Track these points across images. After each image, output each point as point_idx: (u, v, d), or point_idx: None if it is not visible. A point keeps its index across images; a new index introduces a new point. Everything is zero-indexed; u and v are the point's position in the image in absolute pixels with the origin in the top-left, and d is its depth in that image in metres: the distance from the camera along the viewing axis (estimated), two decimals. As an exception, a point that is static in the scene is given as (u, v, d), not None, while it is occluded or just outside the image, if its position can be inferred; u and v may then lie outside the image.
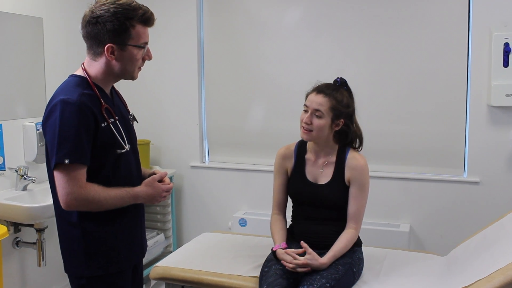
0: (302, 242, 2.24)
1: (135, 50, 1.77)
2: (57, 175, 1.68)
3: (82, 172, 1.69)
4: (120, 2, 1.72)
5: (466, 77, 3.15)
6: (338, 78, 2.38)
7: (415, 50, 3.25)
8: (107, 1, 1.72)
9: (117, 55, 1.75)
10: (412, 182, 3.33)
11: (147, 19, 1.77)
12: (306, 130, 2.31)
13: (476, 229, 2.68)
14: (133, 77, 1.83)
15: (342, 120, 2.32)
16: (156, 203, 1.94)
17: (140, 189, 1.83)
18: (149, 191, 1.84)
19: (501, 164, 3.12)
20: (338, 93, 2.31)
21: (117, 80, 1.86)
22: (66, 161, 1.64)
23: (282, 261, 2.23)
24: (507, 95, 2.96)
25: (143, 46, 1.78)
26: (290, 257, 2.21)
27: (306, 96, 2.36)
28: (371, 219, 3.24)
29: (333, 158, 2.38)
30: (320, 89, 2.32)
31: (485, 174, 3.16)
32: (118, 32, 1.71)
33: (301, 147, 2.47)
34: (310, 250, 2.21)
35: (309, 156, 2.43)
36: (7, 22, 2.87)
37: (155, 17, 1.81)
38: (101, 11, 1.70)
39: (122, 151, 1.81)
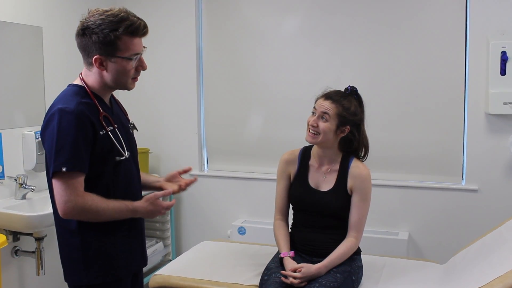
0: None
1: (124, 62, 1.75)
2: (55, 183, 1.69)
3: (80, 180, 1.69)
4: (108, 13, 1.71)
5: (463, 85, 3.17)
6: (349, 86, 2.41)
7: (413, 58, 3.27)
8: (97, 12, 1.72)
9: (106, 66, 1.74)
10: (410, 190, 3.33)
11: (134, 30, 1.73)
12: (312, 133, 2.33)
13: (474, 237, 2.69)
14: (127, 88, 1.83)
15: (348, 127, 2.34)
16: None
17: (140, 205, 1.80)
18: (148, 208, 1.80)
19: (499, 172, 3.12)
20: (346, 101, 2.33)
21: (113, 90, 1.86)
22: (64, 169, 1.65)
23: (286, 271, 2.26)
24: (505, 103, 2.97)
25: (131, 57, 1.76)
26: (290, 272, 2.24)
27: (316, 101, 2.39)
28: (370, 227, 3.23)
29: (336, 166, 2.39)
30: (329, 95, 2.35)
31: (483, 182, 3.17)
32: (104, 44, 1.70)
33: (305, 153, 2.49)
34: (301, 264, 2.24)
35: (312, 162, 2.45)
36: (7, 31, 2.88)
37: (146, 27, 1.77)
38: (88, 23, 1.71)
39: (121, 158, 1.82)
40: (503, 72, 2.98)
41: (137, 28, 1.74)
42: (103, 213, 1.72)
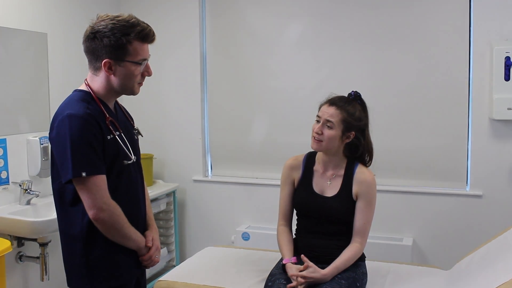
0: (302, 256, 2.25)
1: (133, 66, 1.78)
2: (79, 189, 1.71)
3: (103, 181, 1.72)
4: (119, 18, 1.74)
5: (467, 90, 3.17)
6: (352, 91, 2.41)
7: (417, 64, 3.27)
8: (107, 17, 1.75)
9: (114, 70, 1.77)
10: (415, 195, 3.33)
11: (145, 36, 1.77)
12: (317, 140, 2.32)
13: (479, 243, 2.67)
14: (133, 93, 1.85)
15: (353, 133, 2.33)
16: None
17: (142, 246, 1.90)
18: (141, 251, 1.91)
19: (504, 177, 3.11)
20: (350, 106, 2.33)
21: (119, 95, 1.88)
22: (83, 174, 1.67)
23: (290, 276, 2.24)
24: (509, 109, 2.97)
25: (140, 62, 1.79)
26: (295, 272, 2.22)
27: (320, 107, 2.38)
28: (374, 233, 3.22)
29: (341, 171, 2.39)
30: (333, 101, 2.34)
31: (487, 187, 3.16)
32: (115, 47, 1.73)
33: (309, 158, 2.48)
34: (310, 263, 2.22)
35: (317, 167, 2.44)
36: (12, 37, 2.90)
37: (154, 34, 1.81)
38: (100, 27, 1.73)
39: (129, 162, 1.84)
40: (507, 77, 2.98)
41: (147, 35, 1.78)
42: (128, 227, 1.79)
